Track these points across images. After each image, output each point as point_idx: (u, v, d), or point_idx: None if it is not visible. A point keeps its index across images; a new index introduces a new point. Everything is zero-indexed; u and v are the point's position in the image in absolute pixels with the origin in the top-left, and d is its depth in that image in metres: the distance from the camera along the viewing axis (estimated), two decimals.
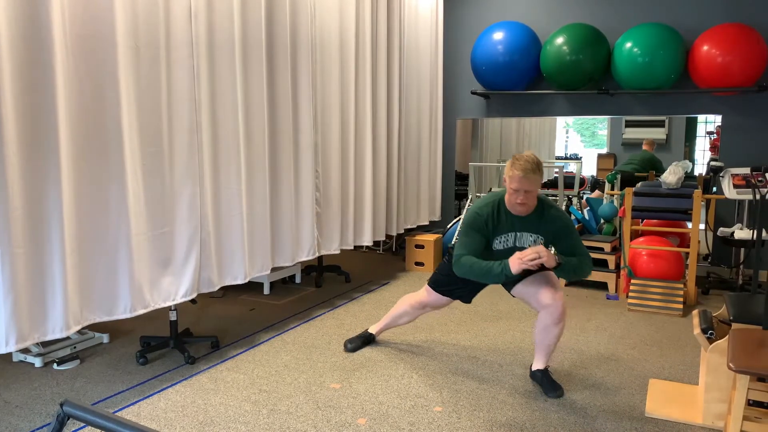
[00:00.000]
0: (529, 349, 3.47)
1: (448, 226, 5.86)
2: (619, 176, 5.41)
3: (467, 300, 3.14)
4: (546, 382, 2.86)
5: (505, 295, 4.62)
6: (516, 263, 2.59)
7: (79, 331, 3.53)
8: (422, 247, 5.50)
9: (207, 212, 3.30)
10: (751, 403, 2.43)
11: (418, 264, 5.53)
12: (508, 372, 3.13)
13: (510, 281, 2.91)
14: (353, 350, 3.39)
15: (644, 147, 5.68)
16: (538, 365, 2.92)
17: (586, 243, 4.88)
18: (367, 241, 4.85)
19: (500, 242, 2.80)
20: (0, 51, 2.29)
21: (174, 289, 3.15)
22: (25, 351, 3.28)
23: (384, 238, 5.18)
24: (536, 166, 2.62)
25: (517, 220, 2.77)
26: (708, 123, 5.40)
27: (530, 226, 2.77)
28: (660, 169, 5.61)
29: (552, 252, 2.64)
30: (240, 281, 3.55)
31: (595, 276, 4.80)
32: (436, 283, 3.15)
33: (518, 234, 2.78)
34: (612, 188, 5.36)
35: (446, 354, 3.39)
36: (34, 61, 2.42)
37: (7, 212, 2.35)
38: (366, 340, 3.48)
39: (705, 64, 4.79)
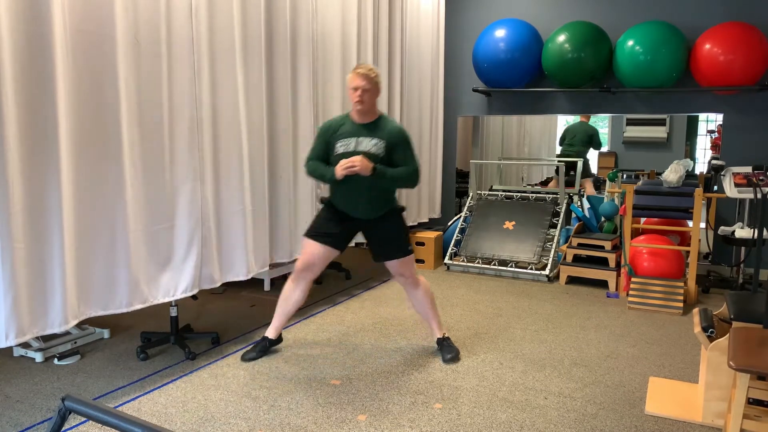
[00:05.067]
0: (529, 346, 3.48)
1: (449, 224, 5.86)
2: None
3: (340, 245, 3.22)
4: (444, 348, 3.30)
5: (504, 294, 4.63)
6: (338, 170, 2.96)
7: (80, 327, 3.54)
8: (422, 244, 5.50)
9: (208, 208, 3.29)
10: (751, 402, 2.43)
11: (418, 261, 5.53)
12: (508, 369, 3.14)
13: (375, 253, 3.26)
14: (252, 359, 3.23)
15: (581, 119, 5.85)
16: (436, 334, 3.37)
17: (586, 241, 4.89)
18: None
19: (342, 146, 3.09)
20: (1, 47, 2.28)
21: (173, 285, 3.15)
22: (26, 346, 3.28)
23: None
24: (370, 71, 3.02)
25: (359, 128, 3.09)
26: (709, 122, 5.40)
27: (370, 133, 3.08)
28: (597, 142, 5.82)
29: (369, 163, 2.95)
30: (242, 277, 3.54)
31: (596, 274, 4.80)
32: (312, 228, 3.23)
33: (359, 139, 3.07)
34: (612, 186, 5.36)
35: None
36: (35, 57, 2.41)
37: (8, 208, 2.35)
38: (264, 348, 3.30)
39: (707, 62, 4.78)
